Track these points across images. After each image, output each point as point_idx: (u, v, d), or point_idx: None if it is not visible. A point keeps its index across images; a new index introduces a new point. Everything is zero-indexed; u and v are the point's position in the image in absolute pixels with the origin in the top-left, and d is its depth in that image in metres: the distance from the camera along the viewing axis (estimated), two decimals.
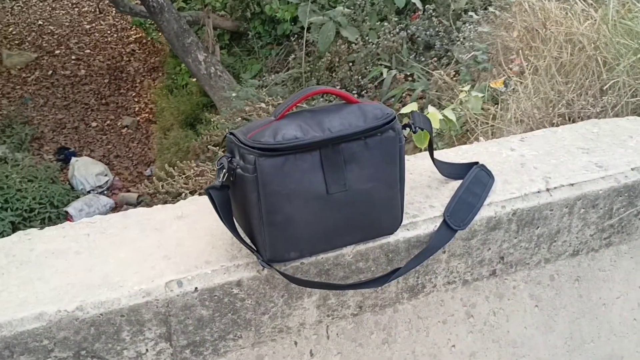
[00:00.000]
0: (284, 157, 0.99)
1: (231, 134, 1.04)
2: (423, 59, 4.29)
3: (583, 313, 1.44)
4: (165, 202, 3.41)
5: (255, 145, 0.98)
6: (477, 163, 1.31)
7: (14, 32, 8.31)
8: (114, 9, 7.35)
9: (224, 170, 1.01)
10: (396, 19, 4.77)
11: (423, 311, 1.31)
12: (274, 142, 0.97)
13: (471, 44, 3.23)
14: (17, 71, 7.52)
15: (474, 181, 1.26)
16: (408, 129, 1.15)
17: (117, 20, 8.78)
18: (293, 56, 5.40)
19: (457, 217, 1.20)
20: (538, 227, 1.32)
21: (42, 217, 4.92)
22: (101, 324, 1.00)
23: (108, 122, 6.86)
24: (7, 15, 8.65)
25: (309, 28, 4.83)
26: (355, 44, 4.73)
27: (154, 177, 3.74)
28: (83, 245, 1.11)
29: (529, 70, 2.30)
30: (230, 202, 1.05)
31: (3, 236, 4.02)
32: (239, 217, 1.10)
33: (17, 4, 8.94)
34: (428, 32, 4.44)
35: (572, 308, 1.43)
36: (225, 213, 1.03)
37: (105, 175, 5.83)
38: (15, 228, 4.72)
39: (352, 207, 1.06)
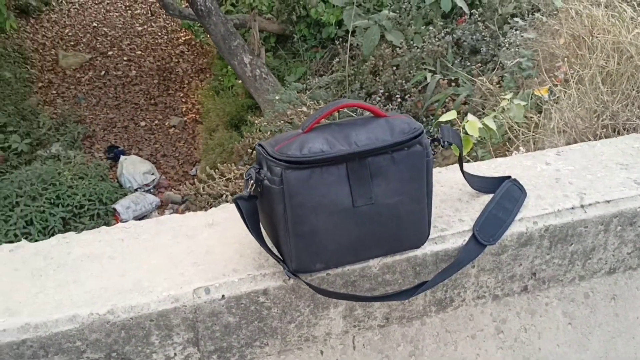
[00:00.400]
0: (310, 169, 1.00)
1: (260, 145, 1.06)
2: (468, 64, 4.24)
3: (619, 332, 1.40)
4: (207, 203, 3.49)
5: (282, 157, 0.99)
6: (509, 177, 1.29)
7: (70, 34, 8.61)
8: (164, 11, 7.54)
9: (252, 181, 1.03)
10: (442, 23, 4.73)
11: (451, 325, 1.30)
12: (300, 155, 0.99)
13: (516, 50, 3.17)
14: (71, 71, 7.79)
15: (505, 196, 1.24)
16: (437, 143, 1.14)
17: (167, 22, 8.99)
18: (337, 59, 5.43)
19: (486, 232, 1.18)
20: (572, 244, 1.29)
21: (91, 213, 5.07)
22: (131, 328, 1.03)
23: (156, 121, 7.03)
24: (64, 17, 8.97)
25: (353, 31, 4.83)
26: (400, 48, 4.71)
27: (195, 179, 3.81)
28: (117, 250, 1.15)
29: (574, 79, 2.25)
30: (257, 212, 1.07)
31: (54, 231, 4.19)
32: (266, 226, 1.12)
33: (74, 7, 9.25)
34: (474, 37, 4.38)
35: (607, 327, 1.39)
36: (252, 223, 1.06)
37: (152, 173, 5.97)
38: (65, 223, 4.90)
39: (378, 220, 1.06)
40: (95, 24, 8.90)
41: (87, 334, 1.01)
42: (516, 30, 3.53)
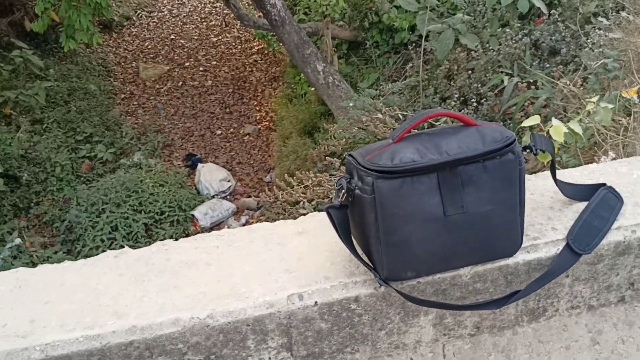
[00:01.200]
0: (401, 179, 1.01)
1: (350, 155, 1.08)
2: (547, 66, 4.11)
3: None
4: (284, 210, 3.54)
5: (373, 167, 1.01)
6: (604, 184, 1.25)
7: (149, 47, 8.98)
8: (238, 22, 7.74)
9: (343, 190, 1.05)
10: (519, 25, 4.61)
11: (544, 335, 1.28)
12: (392, 165, 1.00)
13: (600, 50, 3.05)
14: (151, 83, 8.11)
15: (600, 204, 1.21)
16: (528, 151, 1.13)
17: (241, 32, 9.21)
18: (410, 65, 5.39)
19: (581, 240, 1.15)
20: None
21: (171, 219, 5.27)
22: (229, 332, 1.07)
23: (231, 130, 7.22)
24: (144, 31, 9.36)
25: (427, 36, 4.79)
26: (475, 51, 4.62)
27: (274, 186, 3.88)
28: (212, 257, 1.20)
29: None
30: (348, 221, 1.09)
31: (137, 237, 4.36)
32: (357, 235, 1.13)
33: (153, 20, 9.65)
34: (553, 37, 4.25)
35: None
36: (343, 231, 1.08)
37: (228, 181, 6.13)
38: (147, 229, 5.11)
39: (470, 229, 1.05)
40: (172, 37, 9.24)
41: (189, 337, 1.05)
42: (599, 29, 3.40)
